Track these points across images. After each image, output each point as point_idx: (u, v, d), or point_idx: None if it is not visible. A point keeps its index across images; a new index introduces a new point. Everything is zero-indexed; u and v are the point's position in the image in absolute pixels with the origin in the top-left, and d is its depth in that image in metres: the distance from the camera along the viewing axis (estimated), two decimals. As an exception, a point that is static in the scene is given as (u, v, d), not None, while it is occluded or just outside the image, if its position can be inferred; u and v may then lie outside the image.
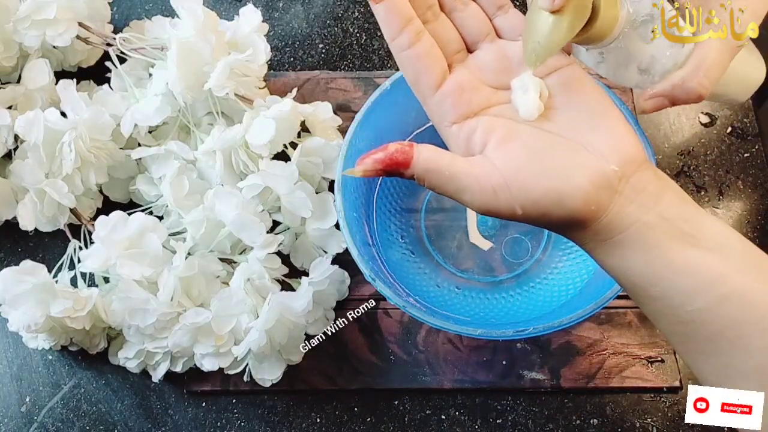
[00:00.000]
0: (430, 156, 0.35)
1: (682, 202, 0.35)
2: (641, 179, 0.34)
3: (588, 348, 0.56)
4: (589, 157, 0.34)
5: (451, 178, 0.35)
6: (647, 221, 0.34)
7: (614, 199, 0.34)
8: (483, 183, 0.34)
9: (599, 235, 0.35)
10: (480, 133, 0.36)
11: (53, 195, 0.53)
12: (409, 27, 0.36)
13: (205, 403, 0.56)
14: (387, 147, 0.35)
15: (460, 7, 0.38)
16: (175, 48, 0.53)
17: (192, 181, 0.55)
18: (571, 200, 0.34)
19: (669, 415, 0.55)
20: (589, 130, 0.35)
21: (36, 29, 0.56)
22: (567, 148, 0.35)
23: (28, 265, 0.50)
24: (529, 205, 0.34)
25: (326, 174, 0.58)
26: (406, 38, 0.36)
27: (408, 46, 0.36)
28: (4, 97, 0.57)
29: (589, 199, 0.33)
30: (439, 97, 0.37)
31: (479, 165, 0.35)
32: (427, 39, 0.37)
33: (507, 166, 0.34)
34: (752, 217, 0.61)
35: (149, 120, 0.56)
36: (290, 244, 0.57)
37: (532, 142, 0.35)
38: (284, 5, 0.70)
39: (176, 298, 0.51)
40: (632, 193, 0.34)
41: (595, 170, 0.34)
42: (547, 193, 0.34)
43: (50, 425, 0.56)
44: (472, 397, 0.56)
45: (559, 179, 0.34)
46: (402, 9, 0.36)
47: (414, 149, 0.35)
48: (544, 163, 0.34)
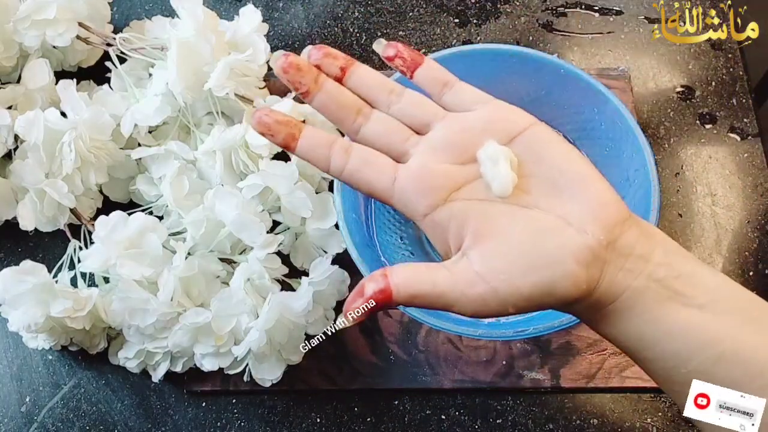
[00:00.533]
0: (409, 281, 0.33)
1: (672, 257, 0.33)
2: (628, 241, 0.33)
3: (588, 348, 0.56)
4: (572, 234, 0.33)
5: (439, 298, 0.33)
6: (637, 286, 0.33)
7: (603, 270, 0.33)
8: (470, 294, 0.33)
9: (592, 307, 0.34)
10: (454, 224, 0.34)
11: (53, 195, 0.53)
12: (333, 150, 0.35)
13: (205, 403, 0.56)
14: (363, 289, 0.33)
15: (395, 99, 0.37)
16: (175, 48, 0.53)
17: (192, 181, 0.55)
18: (561, 287, 0.32)
19: (669, 415, 0.55)
20: (568, 197, 0.34)
21: (36, 29, 0.56)
22: (547, 229, 0.33)
23: (28, 265, 0.50)
24: (520, 303, 0.33)
25: (326, 174, 0.58)
26: (337, 161, 0.35)
27: (343, 166, 0.35)
28: (4, 97, 0.57)
29: (579, 281, 0.32)
30: (398, 195, 0.35)
31: (462, 276, 0.33)
32: (357, 150, 0.36)
33: (490, 270, 0.33)
34: (752, 217, 0.61)
35: (149, 120, 0.55)
36: (290, 244, 0.57)
37: (510, 231, 0.33)
38: (284, 5, 0.70)
39: (176, 298, 0.51)
40: (620, 259, 0.33)
41: (581, 248, 0.32)
42: (536, 286, 0.32)
43: (50, 425, 0.56)
44: (472, 397, 0.56)
45: (547, 269, 0.32)
46: (318, 139, 0.36)
47: (389, 280, 0.33)
48: (528, 256, 0.33)
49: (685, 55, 0.67)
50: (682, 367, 0.33)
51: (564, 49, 0.68)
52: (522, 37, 0.68)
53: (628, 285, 0.33)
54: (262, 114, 0.36)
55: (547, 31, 0.69)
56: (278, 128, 0.35)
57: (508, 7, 0.70)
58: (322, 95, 0.36)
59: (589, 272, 0.32)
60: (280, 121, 0.35)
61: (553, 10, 0.70)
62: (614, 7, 0.69)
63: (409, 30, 0.69)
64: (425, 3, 0.70)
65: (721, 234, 0.60)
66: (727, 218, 0.61)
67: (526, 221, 0.33)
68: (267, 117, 0.35)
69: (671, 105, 0.65)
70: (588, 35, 0.68)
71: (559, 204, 0.34)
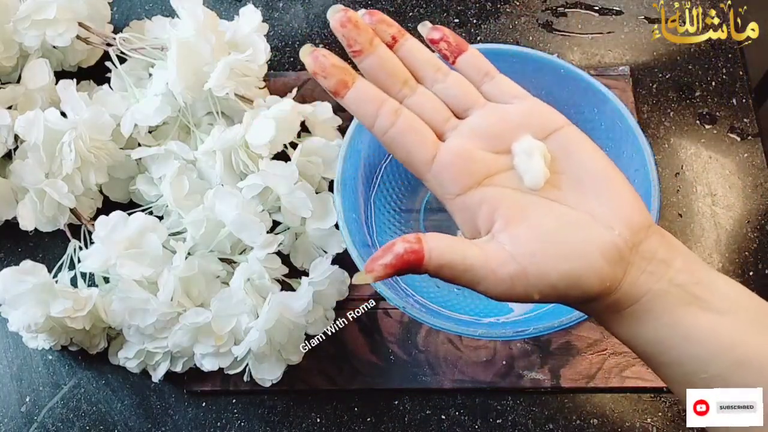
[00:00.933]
0: (442, 250, 0.33)
1: (692, 265, 0.34)
2: (650, 246, 0.34)
3: (588, 348, 0.56)
4: (600, 231, 0.33)
5: (466, 271, 0.33)
6: (658, 290, 0.33)
7: (627, 271, 0.33)
8: (499, 273, 0.33)
9: (612, 307, 0.34)
10: (486, 208, 0.35)
11: (53, 195, 0.53)
12: (383, 108, 0.35)
13: (205, 403, 0.56)
14: (393, 247, 0.32)
15: (440, 77, 0.37)
16: (175, 48, 0.53)
17: (192, 181, 0.55)
18: (587, 280, 0.33)
19: (669, 415, 0.55)
20: (595, 197, 0.34)
21: (36, 29, 0.56)
22: (577, 222, 0.34)
23: (28, 265, 0.50)
24: (547, 290, 0.33)
25: (326, 174, 0.58)
26: (384, 120, 0.35)
27: (388, 127, 0.35)
28: (4, 97, 0.57)
29: (604, 277, 0.33)
30: (435, 171, 0.35)
31: (494, 254, 0.33)
32: (406, 115, 0.35)
33: (521, 252, 0.33)
34: (752, 217, 0.61)
35: (149, 120, 0.55)
36: (290, 244, 0.57)
37: (542, 220, 0.34)
38: (284, 5, 0.70)
39: (176, 298, 0.51)
40: (642, 262, 0.33)
41: (607, 245, 0.33)
42: (563, 276, 0.33)
43: (50, 425, 0.56)
44: (472, 397, 0.56)
45: (575, 260, 0.33)
46: (370, 94, 0.35)
47: (424, 245, 0.33)
48: (557, 245, 0.33)
49: (685, 55, 0.67)
50: (702, 372, 0.33)
51: (564, 49, 0.68)
52: (522, 37, 0.68)
53: (649, 288, 0.33)
54: (320, 54, 0.35)
55: (547, 31, 0.69)
56: (333, 71, 0.35)
57: (508, 7, 0.70)
58: (373, 58, 0.36)
59: (614, 270, 0.33)
60: (336, 65, 0.35)
61: (553, 10, 0.70)
62: (614, 7, 0.69)
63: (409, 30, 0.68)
64: (425, 3, 0.70)
65: (721, 234, 0.60)
66: (727, 218, 0.61)
67: (557, 213, 0.34)
68: (324, 58, 0.35)
69: (671, 105, 0.65)
70: (588, 35, 0.68)
71: (586, 202, 0.34)
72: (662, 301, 0.33)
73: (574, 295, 0.33)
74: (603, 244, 0.33)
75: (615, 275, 0.33)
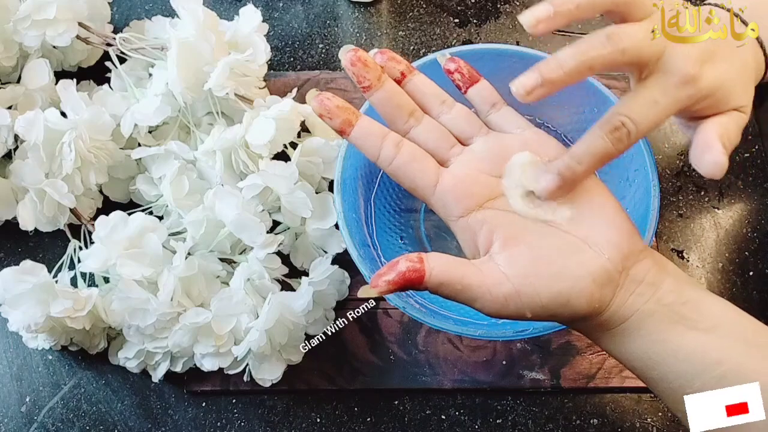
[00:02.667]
0: (442, 270, 0.35)
1: (681, 285, 0.36)
2: (640, 269, 0.35)
3: (588, 348, 0.56)
4: (592, 255, 0.35)
5: (464, 290, 0.35)
6: (646, 309, 0.35)
7: (615, 293, 0.35)
8: (494, 293, 0.35)
9: (601, 326, 0.36)
10: (486, 230, 0.37)
11: (53, 195, 0.53)
12: (385, 142, 0.38)
13: (205, 403, 0.56)
14: (397, 265, 0.35)
15: (446, 109, 0.40)
16: (175, 48, 0.53)
17: (192, 181, 0.55)
18: (576, 302, 0.35)
19: (669, 415, 0.55)
20: (588, 223, 0.36)
21: (36, 29, 0.56)
22: (569, 246, 0.36)
23: (28, 265, 0.50)
24: (537, 310, 0.35)
25: (326, 174, 0.58)
26: (387, 152, 0.38)
27: (392, 158, 0.38)
28: (4, 97, 0.57)
29: (593, 299, 0.35)
30: (439, 194, 0.38)
31: (490, 275, 0.35)
32: (408, 146, 0.38)
33: (515, 273, 0.35)
34: (752, 217, 0.61)
35: (149, 120, 0.55)
36: (290, 244, 0.57)
37: (537, 243, 0.36)
38: (284, 5, 0.70)
39: (176, 298, 0.51)
40: (632, 284, 0.35)
41: (597, 269, 0.35)
42: (554, 296, 0.35)
43: (50, 425, 0.56)
44: (472, 397, 0.56)
45: (565, 282, 0.35)
46: (373, 129, 0.38)
47: (425, 264, 0.35)
48: (550, 266, 0.35)
49: (685, 55, 0.67)
50: (687, 387, 0.35)
51: (564, 49, 0.67)
52: (522, 37, 0.68)
53: (637, 308, 0.35)
54: (324, 98, 0.38)
55: (547, 31, 0.68)
56: (337, 113, 0.38)
57: (508, 7, 0.70)
58: (381, 92, 0.39)
59: (603, 292, 0.35)
60: (340, 107, 0.38)
61: (553, 10, 0.69)
62: (614, 7, 0.69)
63: (409, 30, 0.69)
64: (425, 3, 0.70)
65: (721, 234, 0.60)
66: (727, 218, 0.61)
67: (551, 237, 0.36)
68: (328, 101, 0.38)
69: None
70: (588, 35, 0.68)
71: (579, 228, 0.36)
72: (650, 320, 0.35)
73: (564, 314, 0.35)
74: (593, 268, 0.35)
75: (604, 297, 0.35)
